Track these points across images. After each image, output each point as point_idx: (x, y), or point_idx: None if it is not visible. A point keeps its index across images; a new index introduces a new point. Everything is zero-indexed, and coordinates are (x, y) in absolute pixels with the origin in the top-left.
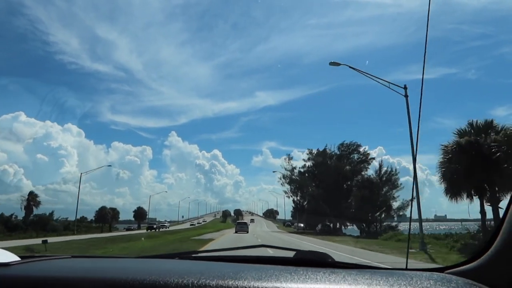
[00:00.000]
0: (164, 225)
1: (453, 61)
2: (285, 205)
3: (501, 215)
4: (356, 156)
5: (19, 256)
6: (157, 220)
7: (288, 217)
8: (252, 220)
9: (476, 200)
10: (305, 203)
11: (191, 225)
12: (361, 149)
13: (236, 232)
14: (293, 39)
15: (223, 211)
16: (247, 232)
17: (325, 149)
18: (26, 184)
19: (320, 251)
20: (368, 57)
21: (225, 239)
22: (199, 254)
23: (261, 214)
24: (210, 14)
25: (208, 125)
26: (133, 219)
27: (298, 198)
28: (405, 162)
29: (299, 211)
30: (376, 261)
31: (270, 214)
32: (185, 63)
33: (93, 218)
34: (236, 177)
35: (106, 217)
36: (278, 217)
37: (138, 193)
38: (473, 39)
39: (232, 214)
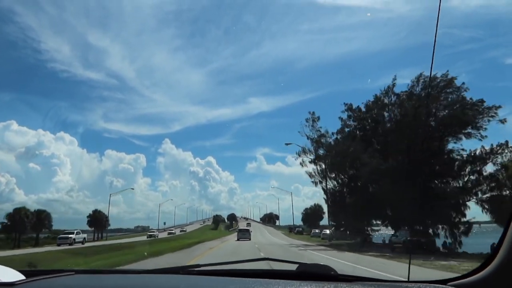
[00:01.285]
0: (67, 238)
1: (444, 65)
2: (293, 208)
3: None
4: (450, 98)
5: (24, 273)
6: (141, 227)
7: (298, 221)
8: (248, 225)
9: None
10: (341, 191)
11: (149, 236)
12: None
13: (238, 239)
14: (285, 44)
15: (214, 217)
16: (250, 239)
17: (388, 91)
18: (18, 194)
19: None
20: (359, 61)
21: None
22: (203, 268)
23: (259, 220)
24: (203, 20)
25: (201, 132)
26: (124, 227)
27: (333, 184)
28: None
29: (334, 206)
30: None
31: (270, 219)
32: (178, 70)
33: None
34: (231, 184)
35: (21, 225)
36: (279, 222)
37: (132, 202)
38: (463, 43)
39: (226, 220)
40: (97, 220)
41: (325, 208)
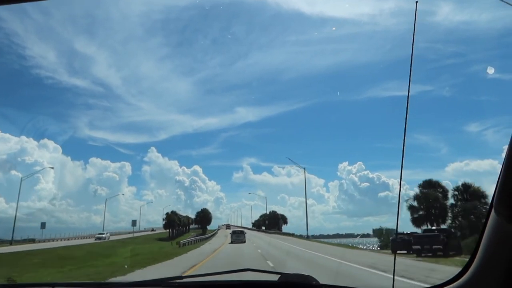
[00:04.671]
0: None
1: (428, 79)
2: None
3: None
4: None
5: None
6: None
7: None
8: (228, 227)
9: None
10: None
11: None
12: None
13: (231, 242)
14: (272, 55)
15: (166, 215)
16: (245, 242)
17: None
18: None
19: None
20: (346, 73)
21: None
22: (185, 280)
23: (251, 226)
24: (190, 30)
25: (188, 141)
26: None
27: None
28: (385, 177)
29: None
30: None
31: (273, 223)
32: (165, 79)
33: None
34: (217, 194)
35: None
36: (286, 227)
37: (116, 211)
38: (447, 58)
39: (194, 225)
40: None
41: None
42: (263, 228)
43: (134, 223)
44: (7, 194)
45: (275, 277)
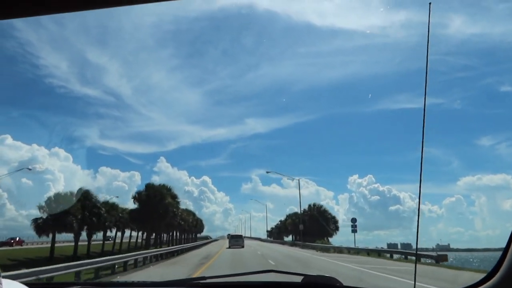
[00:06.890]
0: None
1: (439, 91)
2: None
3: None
4: None
5: (29, 286)
6: None
7: None
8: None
9: None
10: None
11: None
12: None
13: (229, 247)
14: (282, 67)
15: (47, 202)
16: (243, 246)
17: None
18: (9, 209)
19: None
20: (355, 86)
21: None
22: (209, 281)
23: (264, 235)
24: (201, 41)
25: (197, 152)
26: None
27: None
28: (395, 190)
29: None
30: None
31: (313, 230)
32: (175, 89)
33: None
34: (226, 205)
35: None
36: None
37: None
38: (458, 70)
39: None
40: None
41: None
42: (289, 238)
43: None
44: (17, 202)
45: (298, 279)
